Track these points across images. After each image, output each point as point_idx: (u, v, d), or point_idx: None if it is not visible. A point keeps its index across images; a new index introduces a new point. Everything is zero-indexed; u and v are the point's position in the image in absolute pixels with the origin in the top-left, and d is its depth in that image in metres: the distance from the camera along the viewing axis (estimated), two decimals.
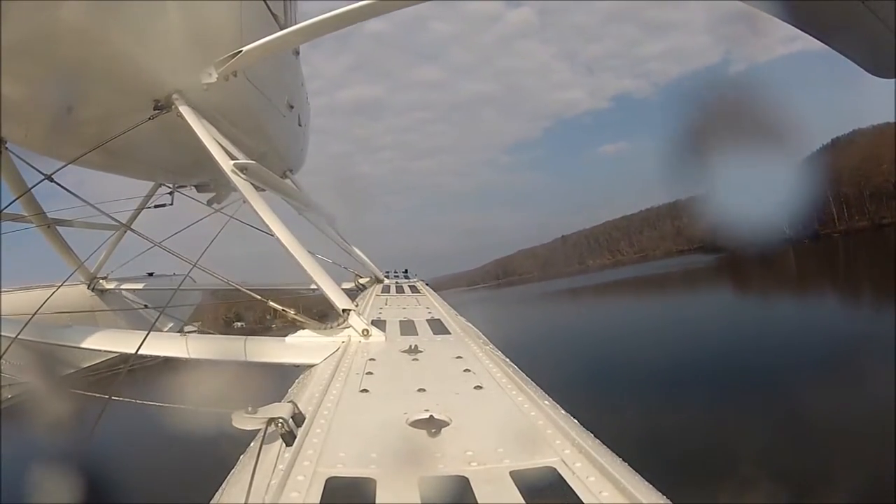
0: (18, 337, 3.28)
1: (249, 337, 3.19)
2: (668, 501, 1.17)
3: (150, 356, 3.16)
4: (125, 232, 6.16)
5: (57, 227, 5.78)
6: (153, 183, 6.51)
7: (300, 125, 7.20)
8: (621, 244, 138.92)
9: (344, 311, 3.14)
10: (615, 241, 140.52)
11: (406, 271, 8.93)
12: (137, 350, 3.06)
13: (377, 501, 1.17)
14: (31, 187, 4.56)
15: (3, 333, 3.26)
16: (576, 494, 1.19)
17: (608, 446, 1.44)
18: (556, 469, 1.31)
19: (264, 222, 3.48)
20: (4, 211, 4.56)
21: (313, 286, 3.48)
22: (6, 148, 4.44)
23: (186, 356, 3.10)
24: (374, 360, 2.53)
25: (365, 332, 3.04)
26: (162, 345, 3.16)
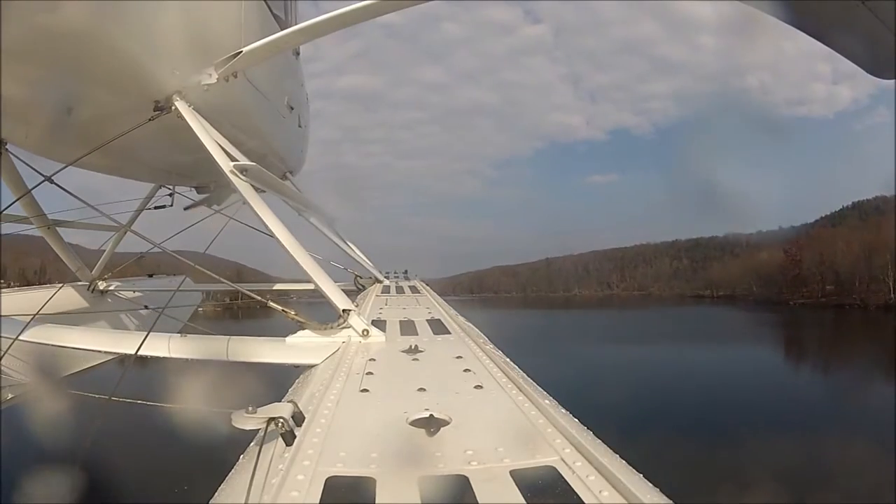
0: (19, 338, 3.28)
1: (250, 338, 3.20)
2: (669, 501, 1.17)
3: (150, 356, 3.16)
4: (125, 233, 6.17)
5: (57, 228, 5.78)
6: (153, 184, 6.52)
7: (300, 126, 7.21)
8: (613, 277, 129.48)
9: (344, 311, 3.14)
10: (606, 273, 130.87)
11: (406, 272, 8.96)
12: (137, 351, 3.06)
13: (377, 501, 1.17)
14: (32, 188, 4.56)
15: (3, 334, 3.26)
16: (576, 494, 1.19)
17: (608, 446, 1.43)
18: (555, 468, 1.31)
19: (264, 223, 3.48)
20: (5, 212, 4.56)
21: (313, 287, 3.48)
22: (6, 149, 4.45)
23: (186, 357, 3.11)
24: (374, 360, 2.54)
25: (365, 333, 3.05)
26: (162, 345, 3.16)
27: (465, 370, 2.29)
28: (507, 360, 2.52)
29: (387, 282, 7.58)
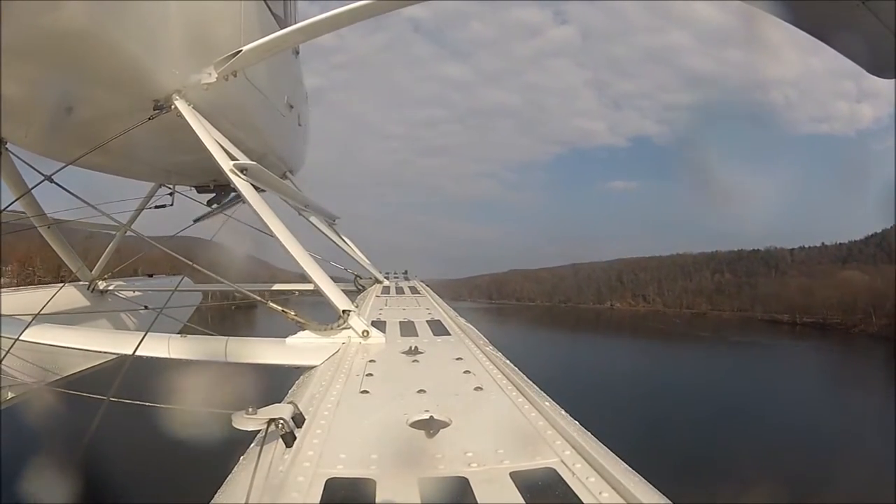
0: (19, 338, 3.28)
1: (250, 338, 3.20)
2: (669, 502, 1.17)
3: (150, 357, 3.16)
4: (125, 232, 6.17)
5: (57, 228, 5.78)
6: (153, 184, 6.51)
7: (300, 125, 7.20)
8: (649, 288, 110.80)
9: (344, 312, 3.14)
10: (642, 284, 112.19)
11: (406, 272, 8.96)
12: (135, 351, 3.06)
13: (377, 502, 1.17)
14: (32, 188, 4.56)
15: (3, 334, 3.26)
16: (576, 495, 1.19)
17: (608, 448, 1.43)
18: (555, 470, 1.31)
19: (264, 223, 3.48)
20: (4, 211, 4.56)
21: (313, 287, 3.48)
22: (6, 148, 4.44)
23: (186, 357, 3.10)
24: (374, 361, 2.53)
25: (365, 334, 3.04)
26: (161, 346, 3.15)
27: (465, 372, 2.29)
28: (507, 361, 2.52)
29: (386, 282, 7.58)
